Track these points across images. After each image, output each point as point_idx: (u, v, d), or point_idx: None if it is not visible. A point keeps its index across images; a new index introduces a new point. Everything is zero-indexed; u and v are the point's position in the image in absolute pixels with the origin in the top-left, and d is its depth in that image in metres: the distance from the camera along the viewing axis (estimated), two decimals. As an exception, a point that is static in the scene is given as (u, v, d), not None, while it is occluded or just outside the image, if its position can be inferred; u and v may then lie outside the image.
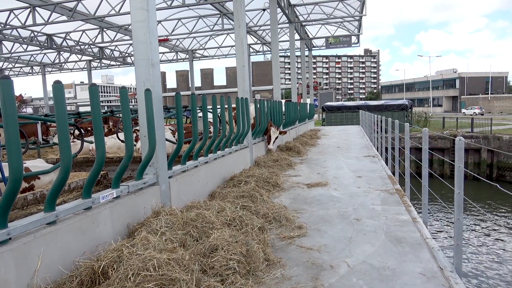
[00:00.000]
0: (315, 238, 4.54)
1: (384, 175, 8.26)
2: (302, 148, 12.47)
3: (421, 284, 3.32)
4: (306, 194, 6.77)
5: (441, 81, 77.88)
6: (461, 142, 3.57)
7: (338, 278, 3.49)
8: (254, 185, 6.32)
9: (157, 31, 4.96)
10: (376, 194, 6.60)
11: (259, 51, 34.35)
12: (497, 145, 25.18)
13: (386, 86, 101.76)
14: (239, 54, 9.23)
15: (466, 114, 49.65)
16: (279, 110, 12.39)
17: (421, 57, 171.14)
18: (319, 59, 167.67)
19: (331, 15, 22.68)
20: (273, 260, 3.81)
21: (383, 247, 4.19)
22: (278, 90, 14.00)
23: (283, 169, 9.11)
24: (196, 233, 3.92)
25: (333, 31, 27.45)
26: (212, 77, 64.48)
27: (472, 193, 20.35)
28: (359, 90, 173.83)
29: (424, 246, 4.16)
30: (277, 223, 5.02)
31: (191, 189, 5.58)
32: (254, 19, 23.95)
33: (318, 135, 18.65)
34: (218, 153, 6.98)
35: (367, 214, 5.42)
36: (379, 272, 3.58)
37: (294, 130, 15.79)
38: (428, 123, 33.86)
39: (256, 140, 9.87)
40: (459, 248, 3.67)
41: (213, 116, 6.79)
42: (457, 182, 3.62)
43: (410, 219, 5.09)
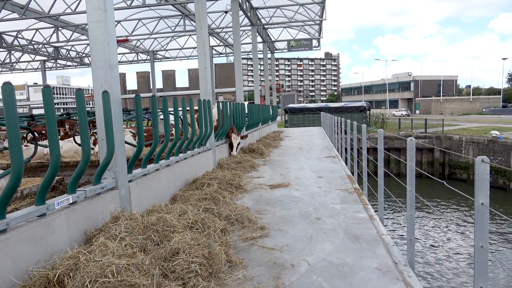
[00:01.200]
0: (277, 238, 4.61)
1: (343, 175, 8.52)
2: (265, 150, 12.59)
3: (377, 279, 3.47)
4: (269, 195, 6.86)
5: (397, 84, 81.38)
6: (412, 142, 3.77)
7: (298, 276, 3.57)
8: (217, 187, 6.33)
9: (116, 31, 4.86)
10: (336, 193, 6.80)
11: (222, 53, 34.31)
12: (449, 144, 26.65)
13: (346, 89, 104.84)
14: (201, 56, 9.19)
15: (395, 115, 53.43)
16: (242, 112, 12.44)
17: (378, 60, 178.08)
18: (281, 61, 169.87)
19: (293, 18, 23.10)
20: (236, 261, 3.84)
21: (342, 245, 4.33)
22: (240, 92, 14.05)
23: (246, 171, 9.16)
24: (157, 237, 3.87)
25: (295, 35, 27.97)
26: (174, 78, 63.58)
27: (426, 191, 21.44)
28: (321, 92, 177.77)
29: (380, 242, 4.34)
30: (240, 225, 5.05)
31: (152, 193, 5.49)
32: (217, 21, 23.92)
33: (281, 136, 18.89)
34: (180, 155, 6.91)
35: (327, 213, 5.57)
36: (338, 269, 3.70)
37: (257, 132, 15.91)
38: (385, 124, 35.25)
39: (219, 142, 9.86)
40: (412, 242, 3.87)
41: (174, 118, 6.71)
42: (409, 180, 3.82)
43: (368, 217, 5.29)
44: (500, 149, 23.03)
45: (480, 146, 24.36)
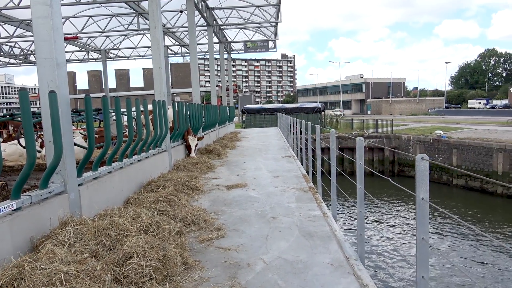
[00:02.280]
0: (234, 238, 4.63)
1: (299, 174, 8.71)
2: (222, 151, 12.57)
3: (330, 273, 3.60)
4: (226, 195, 6.86)
5: (350, 86, 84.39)
6: (361, 141, 3.95)
7: (254, 275, 3.62)
8: (173, 189, 6.24)
9: (64, 28, 4.65)
10: (292, 192, 6.94)
11: (178, 53, 33.78)
12: (398, 143, 28.05)
13: (301, 90, 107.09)
14: (155, 56, 9.01)
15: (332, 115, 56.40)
16: (199, 113, 12.34)
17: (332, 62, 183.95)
18: (238, 62, 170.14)
19: (249, 20, 23.24)
20: (191, 263, 3.81)
21: (297, 242, 4.44)
22: (197, 92, 13.92)
23: (203, 172, 9.10)
24: (110, 242, 3.76)
25: (251, 36, 28.14)
26: (128, 78, 61.70)
27: (376, 188, 22.43)
28: (277, 93, 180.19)
29: (333, 239, 4.50)
30: (196, 226, 5.02)
31: (105, 197, 5.31)
32: (172, 20, 23.53)
33: (238, 137, 18.94)
34: (134, 157, 6.74)
35: (283, 212, 5.68)
36: (293, 266, 3.79)
37: (214, 133, 15.84)
38: (339, 125, 36.42)
39: (174, 143, 9.71)
40: (362, 237, 4.05)
41: (127, 119, 6.53)
42: (359, 178, 3.99)
43: (321, 214, 5.46)
44: (443, 147, 24.60)
45: (426, 144, 25.88)
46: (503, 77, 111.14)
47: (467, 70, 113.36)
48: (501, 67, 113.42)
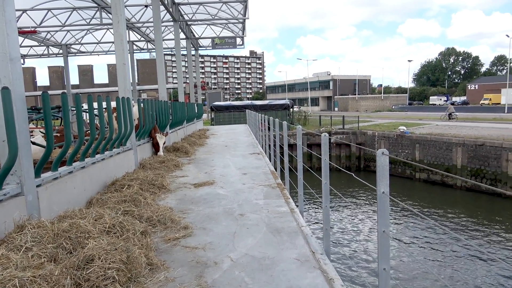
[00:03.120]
0: (201, 237, 4.59)
1: (267, 171, 8.75)
2: (190, 148, 12.41)
3: (296, 268, 3.63)
4: (193, 194, 6.78)
5: (318, 83, 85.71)
6: (326, 137, 4.00)
7: (221, 273, 3.59)
8: (138, 189, 6.09)
9: (20, 21, 4.40)
10: (260, 189, 6.96)
11: (144, 49, 33.00)
12: (364, 139, 28.80)
13: (270, 87, 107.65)
14: (119, 51, 8.74)
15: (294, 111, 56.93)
16: (166, 110, 12.11)
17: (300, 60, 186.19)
18: (207, 58, 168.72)
19: (216, 16, 23.02)
20: (157, 263, 3.74)
21: (264, 239, 4.45)
22: (163, 89, 13.65)
23: (170, 170, 8.95)
24: (70, 244, 3.61)
25: (219, 32, 27.91)
26: (92, 74, 59.69)
27: (343, 183, 22.94)
28: (246, 90, 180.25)
29: (299, 234, 4.55)
30: (162, 226, 4.92)
31: (65, 198, 5.10)
32: (137, 15, 22.92)
33: (207, 134, 18.79)
34: (97, 156, 6.52)
35: (250, 209, 5.68)
36: (260, 262, 3.80)
37: (182, 130, 15.62)
38: (307, 121, 36.93)
39: (140, 141, 9.49)
40: (327, 232, 4.11)
41: (89, 117, 6.31)
42: (324, 173, 4.05)
43: (289, 210, 5.51)
44: (407, 142, 25.50)
45: (390, 140, 26.72)
46: (462, 75, 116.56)
47: (429, 68, 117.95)
48: (459, 65, 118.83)
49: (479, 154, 20.92)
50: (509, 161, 19.35)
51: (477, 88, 79.16)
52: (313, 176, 6.53)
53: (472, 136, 22.27)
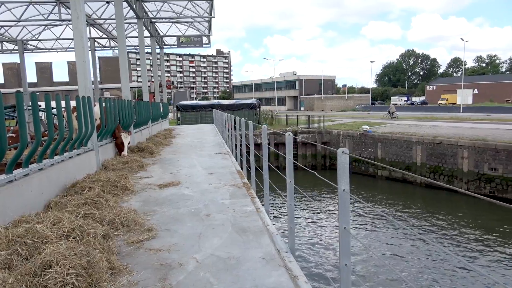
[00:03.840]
0: (165, 239, 4.51)
1: (234, 170, 8.74)
2: (155, 149, 12.19)
3: (261, 267, 3.66)
4: (158, 195, 6.66)
5: (284, 83, 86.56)
6: (289, 137, 4.05)
7: (186, 274, 3.55)
8: (99, 191, 5.90)
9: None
10: (226, 189, 6.94)
11: (106, 46, 31.97)
12: (329, 138, 29.39)
13: (237, 86, 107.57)
14: (78, 49, 8.42)
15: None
16: (129, 110, 11.81)
17: (267, 59, 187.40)
18: (172, 57, 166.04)
19: (181, 14, 22.70)
20: (119, 267, 3.64)
21: (230, 238, 4.45)
22: (127, 88, 13.29)
23: (134, 171, 8.75)
24: (26, 251, 3.45)
25: (184, 31, 27.54)
26: (51, 72, 57.25)
27: (309, 181, 23.33)
28: (213, 89, 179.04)
29: (265, 233, 4.58)
30: (125, 228, 4.80)
31: (21, 202, 4.86)
32: (98, 11, 22.19)
33: (173, 134, 18.51)
34: (56, 158, 6.25)
35: (216, 209, 5.65)
36: (225, 262, 3.79)
37: (146, 130, 15.30)
38: (274, 121, 37.21)
39: (102, 142, 9.20)
40: (292, 230, 4.17)
41: (47, 116, 6.04)
42: (288, 172, 4.10)
43: (255, 210, 5.53)
44: (370, 141, 26.28)
45: (354, 139, 27.45)
46: (421, 76, 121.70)
47: (390, 69, 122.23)
48: (419, 66, 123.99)
49: (437, 152, 21.92)
50: (464, 158, 20.41)
51: (435, 88, 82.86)
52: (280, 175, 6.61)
53: (430, 135, 23.29)
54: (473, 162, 20.12)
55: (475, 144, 20.08)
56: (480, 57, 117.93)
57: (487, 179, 19.49)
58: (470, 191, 20.05)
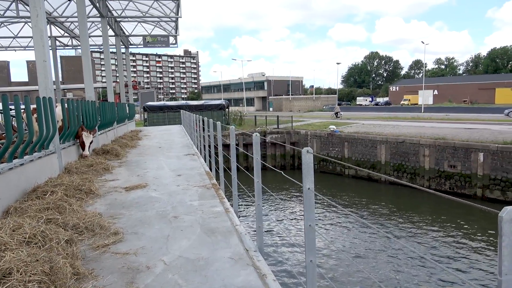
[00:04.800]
0: (132, 242, 4.44)
1: (202, 171, 8.70)
2: (121, 151, 11.91)
3: (230, 267, 3.68)
4: (124, 198, 6.53)
5: (253, 83, 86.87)
6: (257, 137, 4.10)
7: (154, 277, 3.52)
8: (62, 195, 5.71)
9: None
10: (194, 190, 6.90)
11: (68, 45, 30.87)
12: (297, 138, 29.79)
13: (206, 87, 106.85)
14: (38, 48, 8.09)
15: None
16: (93, 111, 11.47)
17: (235, 60, 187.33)
18: (138, 57, 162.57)
19: (147, 13, 22.30)
20: (84, 273, 3.55)
21: (199, 240, 4.44)
22: (90, 89, 12.90)
23: (99, 174, 8.51)
24: (-17, 259, 3.29)
25: (151, 30, 27.07)
26: (9, 71, 54.62)
27: (277, 181, 23.55)
28: (181, 90, 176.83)
29: (234, 233, 4.60)
30: (90, 233, 4.68)
31: (-23, 208, 4.63)
32: (59, 9, 21.40)
33: (139, 136, 18.14)
34: (15, 161, 5.99)
35: (185, 211, 5.62)
36: (194, 264, 3.78)
37: (112, 132, 14.91)
38: (243, 121, 37.27)
39: (65, 144, 8.89)
40: (261, 229, 4.22)
41: (4, 118, 5.78)
42: (256, 172, 4.15)
43: (223, 210, 5.54)
44: (337, 141, 26.88)
45: (322, 139, 27.98)
46: (384, 77, 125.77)
47: (355, 71, 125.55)
48: (382, 68, 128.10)
49: (400, 151, 22.75)
50: (425, 156, 21.30)
51: (397, 89, 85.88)
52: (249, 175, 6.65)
53: (394, 134, 24.13)
54: (434, 160, 21.04)
55: (436, 142, 21.01)
56: (440, 60, 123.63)
57: (447, 176, 20.44)
58: (432, 188, 21.01)
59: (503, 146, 18.45)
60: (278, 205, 19.12)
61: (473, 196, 19.11)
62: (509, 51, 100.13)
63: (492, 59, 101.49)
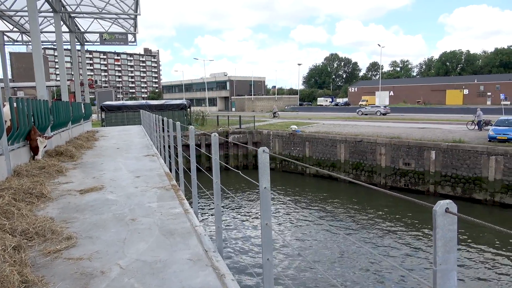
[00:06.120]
0: (87, 247, 4.28)
1: (162, 172, 8.54)
2: (76, 152, 11.44)
3: (188, 269, 3.64)
4: (79, 201, 6.27)
5: (215, 83, 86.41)
6: (215, 137, 4.08)
7: (109, 282, 3.41)
8: (10, 199, 5.40)
9: None
10: (153, 192, 6.77)
11: (18, 41, 29.20)
12: (259, 138, 29.97)
13: (167, 86, 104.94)
14: (-17, 43, 7.60)
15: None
16: (45, 110, 10.93)
17: (197, 59, 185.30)
18: (96, 55, 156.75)
19: (104, 9, 21.54)
20: (33, 280, 3.37)
21: (157, 242, 4.35)
22: (43, 87, 12.27)
23: (52, 177, 8.12)
24: None
25: (108, 27, 26.17)
26: (-49, 68, 50.74)
27: (239, 181, 23.59)
28: (141, 89, 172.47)
29: (193, 234, 4.56)
30: (41, 238, 4.46)
31: None
32: (7, 2, 20.17)
33: (96, 136, 17.51)
34: (-44, 164, 5.59)
35: (143, 213, 5.49)
36: (151, 266, 3.71)
37: (66, 133, 14.28)
38: (205, 122, 36.98)
39: (14, 145, 8.41)
40: (220, 230, 4.21)
41: None
42: (215, 172, 4.13)
43: (183, 211, 5.47)
44: (298, 140, 27.32)
45: (284, 138, 28.33)
46: (344, 79, 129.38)
47: (316, 72, 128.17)
48: (342, 69, 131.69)
49: (359, 150, 23.50)
50: (382, 154, 22.14)
51: (356, 90, 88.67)
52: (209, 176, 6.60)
53: (352, 134, 24.90)
54: (389, 158, 21.92)
55: (391, 141, 21.91)
56: (395, 62, 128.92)
57: (402, 173, 21.37)
58: (388, 185, 21.87)
59: (453, 145, 19.57)
60: (238, 205, 19.15)
61: (426, 192, 20.11)
62: (458, 55, 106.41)
63: (443, 62, 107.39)
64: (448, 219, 1.27)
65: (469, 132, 23.62)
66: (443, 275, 1.26)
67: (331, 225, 15.75)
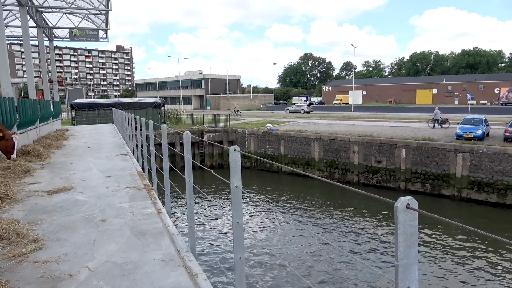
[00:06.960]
0: (54, 249, 4.14)
1: (134, 172, 8.38)
2: (44, 151, 11.05)
3: (160, 269, 3.59)
4: (46, 202, 6.07)
5: (190, 81, 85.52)
6: (188, 136, 4.04)
7: (77, 285, 3.32)
8: (-28, 201, 5.16)
9: None
10: (125, 192, 6.63)
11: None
12: (235, 137, 29.93)
13: (140, 84, 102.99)
14: None
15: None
16: (11, 109, 10.50)
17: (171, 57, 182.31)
18: (66, 51, 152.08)
19: (74, 4, 20.89)
20: (-4, 285, 3.24)
21: (128, 243, 4.27)
22: (8, 84, 11.77)
23: (18, 177, 7.82)
24: None
25: (78, 23, 25.41)
26: None
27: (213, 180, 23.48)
28: (114, 87, 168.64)
29: (165, 234, 4.50)
30: (5, 241, 4.28)
31: None
32: (-30, -5, 19.22)
33: (66, 135, 16.99)
34: None
35: (114, 213, 5.37)
36: (122, 268, 3.63)
37: (34, 131, 13.78)
38: (180, 120, 36.57)
39: (-23, 145, 8.03)
40: (192, 229, 4.17)
41: None
42: (187, 172, 4.09)
43: (155, 211, 5.39)
44: (273, 139, 27.47)
45: (259, 137, 28.40)
46: (318, 78, 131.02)
47: (291, 71, 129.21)
48: (316, 69, 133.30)
49: (333, 148, 23.87)
50: (355, 152, 22.58)
51: (330, 90, 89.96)
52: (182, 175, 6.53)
53: (326, 132, 25.26)
54: (362, 156, 22.39)
55: (364, 139, 22.38)
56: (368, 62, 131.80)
57: (374, 170, 21.87)
58: (361, 182, 22.34)
59: (422, 142, 20.20)
60: (211, 204, 19.07)
61: (397, 189, 20.67)
62: (428, 56, 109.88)
63: (413, 62, 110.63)
64: (409, 215, 1.31)
65: (437, 131, 24.45)
66: (404, 269, 1.29)
67: (303, 223, 15.98)
